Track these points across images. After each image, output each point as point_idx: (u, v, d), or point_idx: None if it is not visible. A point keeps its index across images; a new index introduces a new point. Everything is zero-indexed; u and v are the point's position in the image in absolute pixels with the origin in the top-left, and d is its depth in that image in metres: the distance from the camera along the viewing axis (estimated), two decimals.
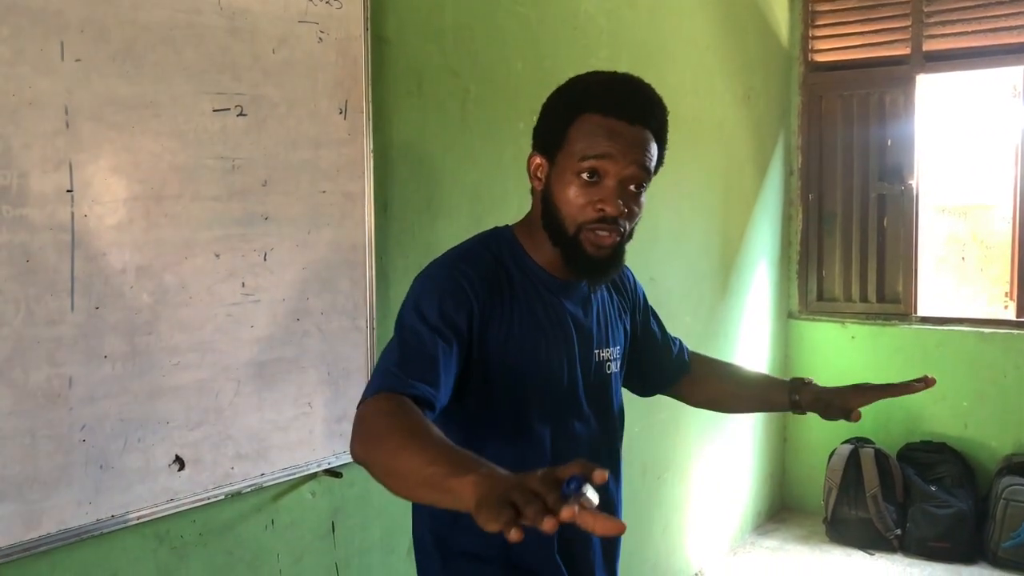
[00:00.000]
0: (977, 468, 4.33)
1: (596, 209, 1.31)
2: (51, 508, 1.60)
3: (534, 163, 1.39)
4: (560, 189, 1.33)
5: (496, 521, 0.88)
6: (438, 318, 1.29)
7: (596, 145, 1.30)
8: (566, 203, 1.33)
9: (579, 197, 1.32)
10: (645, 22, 3.44)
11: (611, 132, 1.31)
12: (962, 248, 5.32)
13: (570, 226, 1.33)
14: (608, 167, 1.30)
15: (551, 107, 1.39)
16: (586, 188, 1.31)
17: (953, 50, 4.39)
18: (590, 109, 1.32)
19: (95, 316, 1.65)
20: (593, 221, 1.31)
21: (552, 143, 1.36)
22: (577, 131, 1.32)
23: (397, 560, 2.36)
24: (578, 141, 1.32)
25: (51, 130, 1.57)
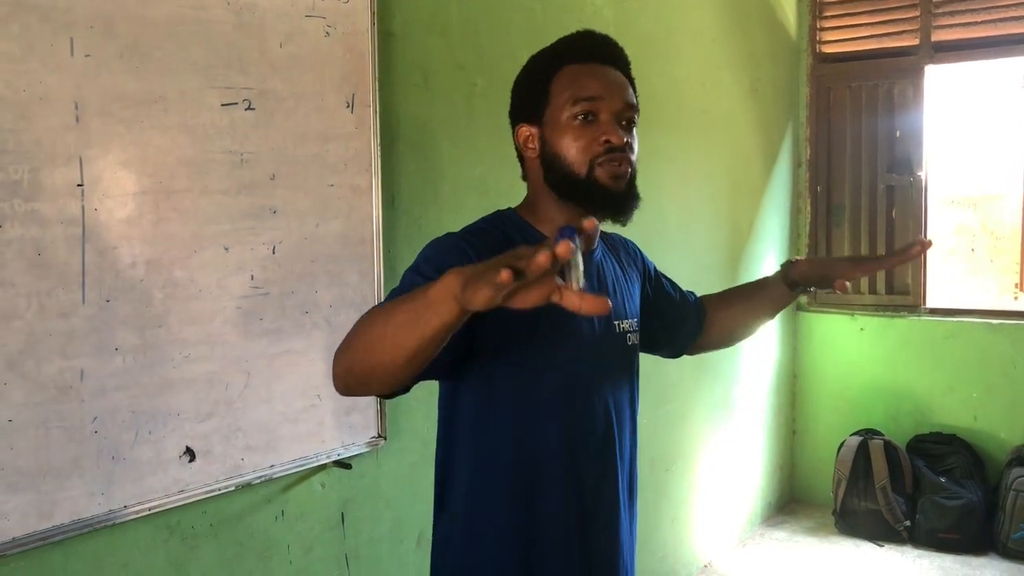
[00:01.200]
0: (987, 459, 4.32)
1: (601, 143, 1.33)
2: (64, 499, 1.62)
3: (523, 135, 1.41)
4: (559, 140, 1.35)
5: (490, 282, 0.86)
6: (430, 269, 1.26)
7: (585, 87, 1.34)
8: (569, 148, 1.34)
9: (580, 138, 1.34)
10: (651, 14, 3.44)
11: (592, 73, 1.36)
12: (971, 239, 5.31)
13: (580, 168, 1.34)
14: (600, 106, 1.34)
15: (524, 79, 1.42)
16: (584, 129, 1.34)
17: (962, 40, 4.37)
18: (566, 62, 1.37)
19: (106, 309, 1.67)
20: (602, 154, 1.33)
21: (535, 107, 1.38)
22: (559, 85, 1.36)
23: (406, 551, 2.38)
24: (563, 92, 1.35)
25: (61, 125, 1.59)
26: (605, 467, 1.41)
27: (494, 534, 1.37)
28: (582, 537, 1.39)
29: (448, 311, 0.96)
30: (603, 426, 1.41)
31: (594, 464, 1.40)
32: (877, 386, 4.63)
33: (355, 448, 2.17)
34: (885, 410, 4.60)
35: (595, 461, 1.40)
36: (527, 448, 1.36)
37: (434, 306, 0.97)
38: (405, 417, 2.36)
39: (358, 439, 2.18)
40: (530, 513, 1.36)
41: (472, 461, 1.38)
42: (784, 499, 4.80)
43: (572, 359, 1.38)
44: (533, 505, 1.36)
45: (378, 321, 1.08)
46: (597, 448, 1.40)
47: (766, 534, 4.41)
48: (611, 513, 1.43)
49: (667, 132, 3.48)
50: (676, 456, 3.72)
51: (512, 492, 1.36)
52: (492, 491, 1.37)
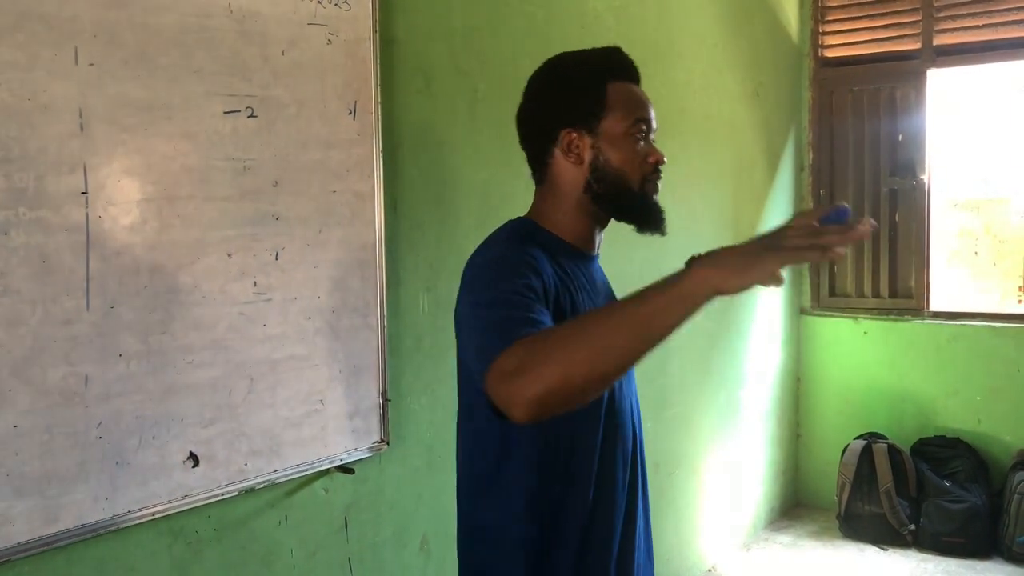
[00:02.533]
0: (991, 463, 4.31)
1: (651, 162, 1.42)
2: (69, 504, 1.63)
3: (568, 139, 1.41)
4: (617, 153, 1.40)
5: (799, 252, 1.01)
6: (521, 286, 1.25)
7: (639, 107, 1.42)
8: (627, 163, 1.41)
9: (637, 155, 1.41)
10: (653, 19, 3.45)
11: (642, 95, 1.45)
12: (975, 242, 5.30)
13: (635, 182, 1.41)
14: (647, 125, 1.43)
15: (573, 82, 1.42)
16: (638, 146, 1.41)
17: (963, 44, 4.37)
18: (614, 77, 1.43)
19: (110, 315, 1.68)
20: (651, 172, 1.42)
21: (589, 115, 1.40)
22: (614, 97, 1.41)
23: (410, 555, 2.39)
24: (620, 106, 1.41)
25: (66, 133, 1.61)
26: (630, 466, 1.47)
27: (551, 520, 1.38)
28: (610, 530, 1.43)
29: (702, 300, 1.03)
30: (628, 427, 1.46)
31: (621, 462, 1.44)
32: (881, 389, 4.62)
33: (358, 453, 2.18)
34: (889, 413, 4.60)
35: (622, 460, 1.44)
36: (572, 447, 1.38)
37: (689, 298, 1.03)
38: (408, 422, 2.37)
39: (361, 444, 2.19)
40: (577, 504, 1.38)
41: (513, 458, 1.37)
42: (788, 503, 4.79)
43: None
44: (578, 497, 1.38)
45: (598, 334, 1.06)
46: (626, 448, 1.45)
47: (770, 538, 4.41)
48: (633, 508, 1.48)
49: (670, 137, 3.48)
50: (680, 460, 3.72)
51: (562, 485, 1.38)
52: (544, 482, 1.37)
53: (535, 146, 1.45)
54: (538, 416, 1.07)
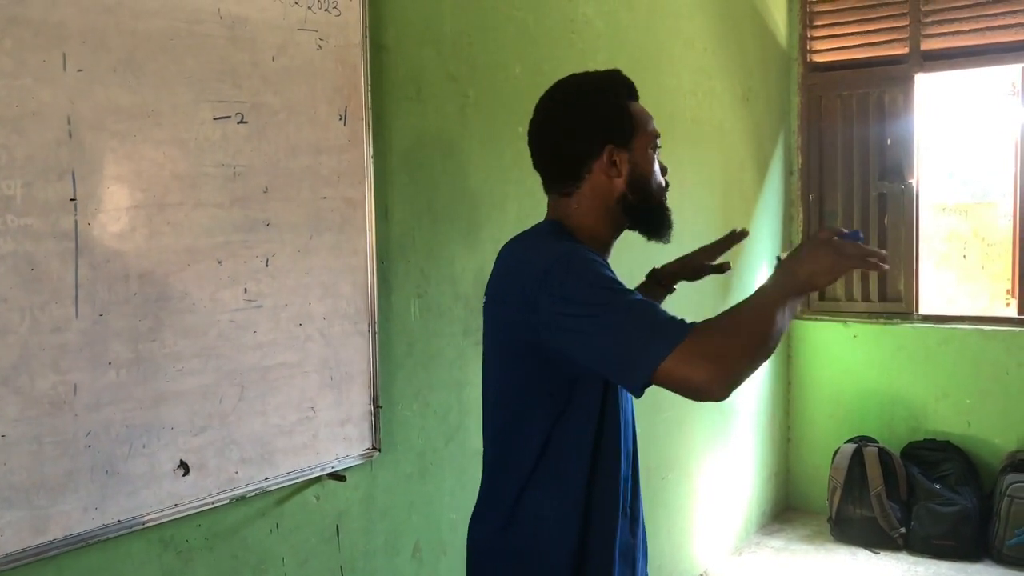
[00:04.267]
0: (981, 466, 4.33)
1: (664, 175, 1.57)
2: (57, 514, 1.62)
3: (612, 155, 1.50)
4: (647, 167, 1.53)
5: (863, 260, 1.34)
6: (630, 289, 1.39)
7: (652, 124, 1.54)
8: (655, 177, 1.54)
9: (656, 171, 1.55)
10: (643, 25, 3.45)
11: (649, 113, 1.56)
12: (963, 246, 5.33)
13: (659, 195, 1.56)
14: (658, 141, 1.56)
15: (606, 101, 1.52)
16: (656, 162, 1.55)
17: (951, 49, 4.40)
18: (628, 97, 1.54)
19: (99, 323, 1.67)
20: (666, 186, 1.58)
21: (625, 133, 1.51)
22: (636, 116, 1.53)
23: (402, 562, 2.38)
24: (642, 124, 1.53)
25: (54, 140, 1.59)
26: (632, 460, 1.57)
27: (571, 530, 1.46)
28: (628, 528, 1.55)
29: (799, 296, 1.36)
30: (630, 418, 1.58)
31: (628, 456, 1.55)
32: (871, 393, 4.64)
33: (349, 460, 2.17)
34: (879, 417, 4.61)
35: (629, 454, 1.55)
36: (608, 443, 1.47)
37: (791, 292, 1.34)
38: (399, 429, 2.36)
39: (352, 451, 2.18)
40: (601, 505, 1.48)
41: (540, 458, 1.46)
42: (780, 507, 4.80)
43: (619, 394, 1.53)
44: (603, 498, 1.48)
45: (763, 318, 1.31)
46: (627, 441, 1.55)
47: (762, 542, 4.41)
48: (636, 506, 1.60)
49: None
50: (672, 465, 3.72)
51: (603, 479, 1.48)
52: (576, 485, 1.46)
53: (570, 159, 1.52)
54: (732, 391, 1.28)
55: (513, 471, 1.48)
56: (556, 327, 1.34)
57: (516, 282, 1.42)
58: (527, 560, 1.45)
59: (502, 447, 1.51)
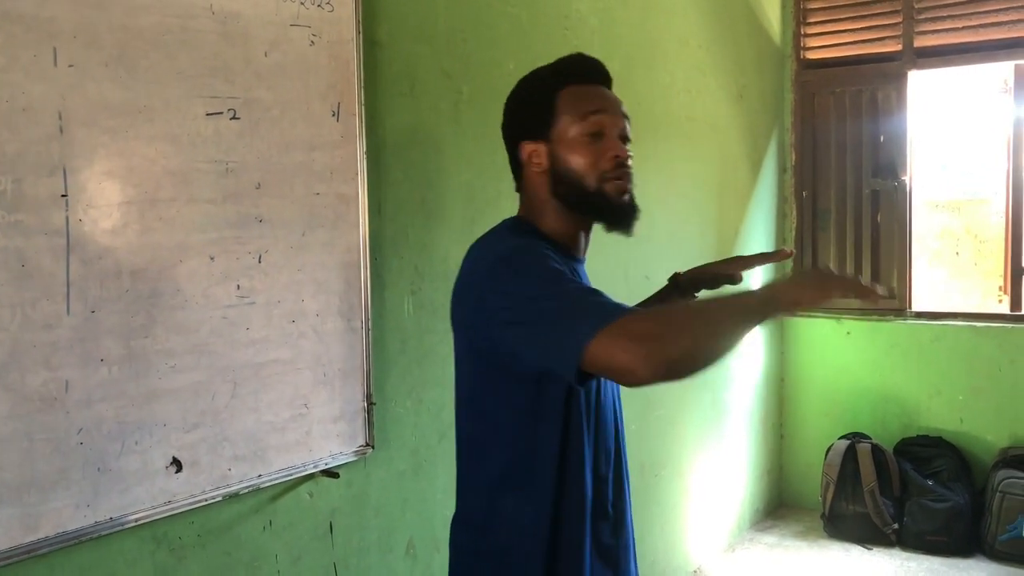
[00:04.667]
0: (973, 462, 4.34)
1: (610, 158, 1.42)
2: (49, 511, 1.61)
3: (527, 150, 1.47)
4: (569, 155, 1.43)
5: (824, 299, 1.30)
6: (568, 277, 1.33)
7: (591, 105, 1.44)
8: (580, 163, 1.43)
9: (590, 154, 1.42)
10: (637, 22, 3.45)
11: (595, 94, 1.46)
12: (956, 243, 5.34)
13: (591, 182, 1.43)
14: (605, 122, 1.43)
15: (525, 97, 1.49)
16: (593, 145, 1.43)
17: (943, 46, 4.41)
18: (568, 82, 1.45)
19: (91, 320, 1.66)
20: (612, 169, 1.42)
21: (540, 124, 1.45)
22: (564, 104, 1.44)
23: (395, 559, 2.38)
24: (570, 110, 1.43)
25: (45, 135, 1.59)
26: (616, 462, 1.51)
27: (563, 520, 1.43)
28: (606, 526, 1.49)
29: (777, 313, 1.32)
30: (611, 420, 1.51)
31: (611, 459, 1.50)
32: (864, 390, 4.65)
33: (343, 457, 2.17)
34: (872, 413, 4.62)
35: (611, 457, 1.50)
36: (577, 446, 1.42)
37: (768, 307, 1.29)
38: (393, 426, 2.36)
39: (346, 448, 2.17)
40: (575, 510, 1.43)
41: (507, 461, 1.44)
42: (773, 503, 4.81)
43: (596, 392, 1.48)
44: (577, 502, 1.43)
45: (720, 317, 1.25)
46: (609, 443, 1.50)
47: (755, 539, 4.42)
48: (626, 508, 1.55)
49: (653, 139, 3.49)
50: (665, 461, 3.72)
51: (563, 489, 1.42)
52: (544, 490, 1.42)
53: (510, 157, 1.53)
54: (664, 379, 1.19)
55: (484, 474, 1.46)
56: (500, 322, 1.32)
57: (471, 282, 1.41)
58: (502, 563, 1.43)
59: (473, 450, 1.49)
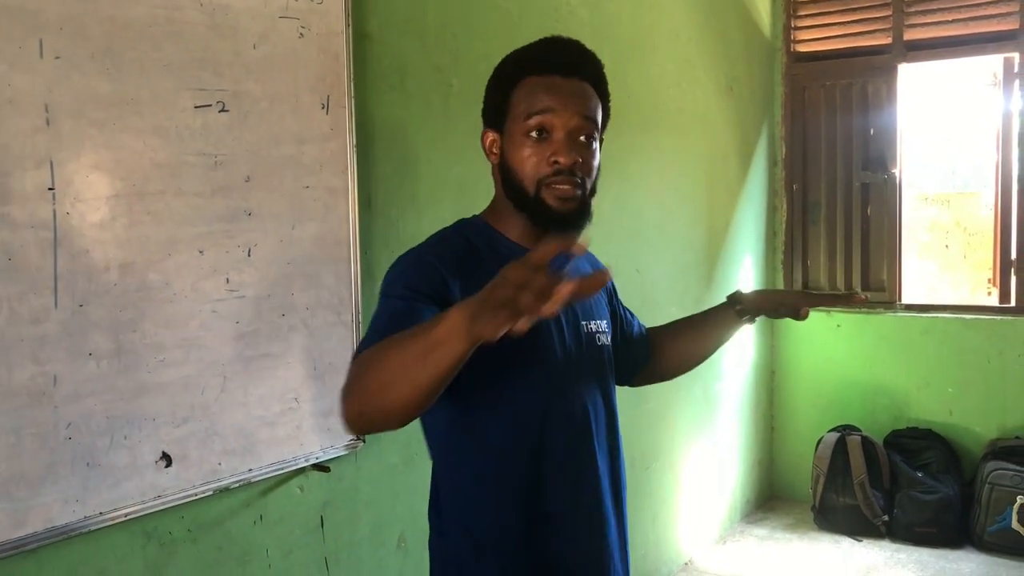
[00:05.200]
0: (962, 453, 4.36)
1: (550, 163, 1.33)
2: (38, 506, 1.60)
3: (488, 139, 1.42)
4: (513, 153, 1.36)
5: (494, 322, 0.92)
6: (405, 289, 1.29)
7: (539, 101, 1.34)
8: (521, 164, 1.35)
9: (532, 155, 1.34)
10: (627, 14, 3.45)
11: (550, 87, 1.34)
12: (945, 236, 5.36)
13: (530, 186, 1.34)
14: (554, 121, 1.33)
15: (492, 82, 1.43)
16: (537, 145, 1.34)
17: (934, 39, 4.42)
18: (527, 73, 1.36)
19: (79, 314, 1.65)
20: (550, 175, 1.33)
21: (499, 114, 1.39)
22: (517, 96, 1.36)
23: (387, 553, 2.37)
24: (521, 103, 1.35)
25: (31, 128, 1.57)
26: (582, 468, 1.42)
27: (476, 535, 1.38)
28: (562, 537, 1.39)
29: (459, 347, 0.99)
30: (578, 427, 1.42)
31: (570, 465, 1.40)
32: (854, 382, 4.66)
33: (334, 451, 2.16)
34: (862, 406, 4.64)
35: (571, 462, 1.41)
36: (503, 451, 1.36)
37: (444, 345, 1.00)
38: None
39: (336, 442, 2.17)
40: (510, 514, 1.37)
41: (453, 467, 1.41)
42: (764, 496, 4.82)
43: (542, 362, 1.38)
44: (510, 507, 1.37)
45: (384, 364, 1.09)
46: (573, 450, 1.41)
47: (746, 531, 4.43)
48: (595, 511, 1.44)
49: (643, 131, 3.49)
50: (656, 454, 3.73)
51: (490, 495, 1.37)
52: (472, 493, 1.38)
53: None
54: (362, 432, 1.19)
55: (434, 479, 1.44)
56: None
57: None
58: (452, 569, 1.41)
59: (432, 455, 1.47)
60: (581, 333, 1.46)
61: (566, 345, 1.42)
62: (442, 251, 1.36)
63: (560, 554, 1.39)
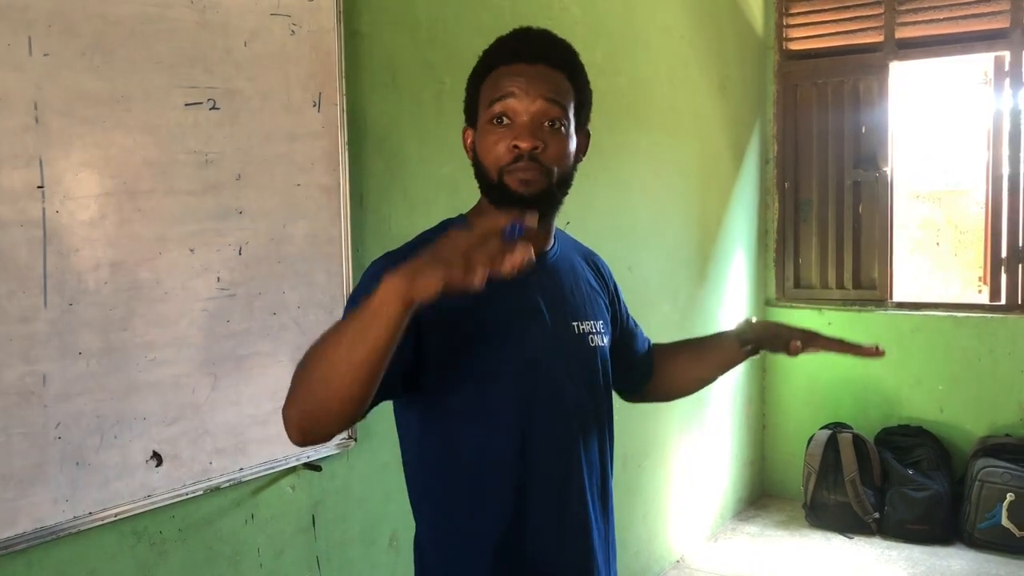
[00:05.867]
0: (953, 451, 4.38)
1: (510, 148, 1.29)
2: (27, 506, 1.59)
3: (467, 137, 1.40)
4: (480, 143, 1.34)
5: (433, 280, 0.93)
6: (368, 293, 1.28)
7: (498, 88, 1.31)
8: (485, 152, 1.32)
9: (496, 143, 1.31)
10: (620, 12, 3.44)
11: (512, 74, 1.32)
12: (936, 233, 5.38)
13: (493, 173, 1.32)
14: (515, 106, 1.30)
15: (468, 81, 1.41)
16: (500, 132, 1.31)
17: (925, 37, 4.43)
18: (495, 64, 1.35)
19: (69, 313, 1.64)
20: (511, 161, 1.30)
21: (471, 110, 1.38)
22: (485, 88, 1.34)
23: (378, 552, 2.37)
24: (484, 96, 1.34)
25: (20, 126, 1.56)
26: (568, 471, 1.38)
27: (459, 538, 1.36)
28: (545, 541, 1.37)
29: (395, 310, 0.99)
30: (563, 429, 1.38)
31: (555, 468, 1.37)
32: (845, 380, 4.68)
33: (325, 450, 2.16)
34: (853, 403, 4.65)
35: (556, 465, 1.37)
36: (480, 455, 1.33)
37: (380, 311, 1.00)
38: (376, 418, 2.33)
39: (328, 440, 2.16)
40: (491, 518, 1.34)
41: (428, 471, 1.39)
42: (755, 493, 4.83)
43: (523, 363, 1.35)
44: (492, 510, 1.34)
45: (321, 354, 1.08)
46: (558, 452, 1.37)
47: (738, 528, 4.44)
48: (579, 517, 1.40)
49: (636, 129, 3.49)
50: (648, 452, 3.73)
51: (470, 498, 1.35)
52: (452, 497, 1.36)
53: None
54: (305, 442, 1.15)
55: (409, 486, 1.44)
56: None
57: None
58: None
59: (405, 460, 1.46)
60: (572, 334, 1.42)
61: (551, 344, 1.38)
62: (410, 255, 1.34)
63: (541, 559, 1.36)
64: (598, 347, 1.46)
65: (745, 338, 1.61)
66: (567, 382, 1.39)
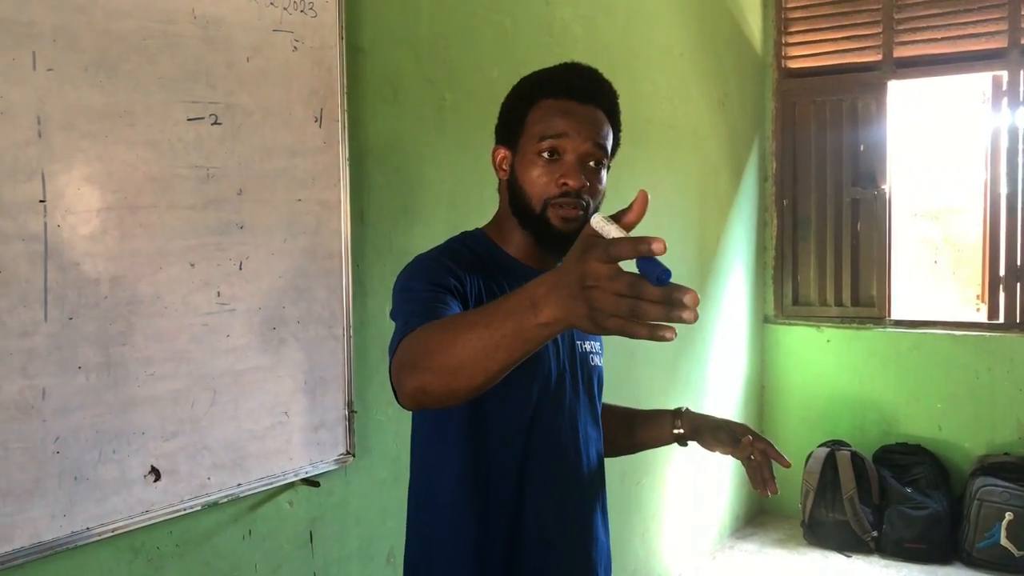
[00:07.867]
0: (951, 469, 4.38)
1: (559, 184, 1.35)
2: (24, 521, 1.58)
3: (499, 155, 1.45)
4: (524, 171, 1.38)
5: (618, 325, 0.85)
6: (428, 284, 1.30)
7: (553, 125, 1.36)
8: (531, 183, 1.37)
9: (542, 176, 1.36)
10: (620, 30, 3.46)
11: (565, 112, 1.37)
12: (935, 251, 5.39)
13: (536, 204, 1.37)
14: (566, 144, 1.36)
15: (509, 101, 1.46)
16: (548, 166, 1.36)
17: (923, 56, 4.45)
18: (544, 95, 1.39)
19: (69, 327, 1.64)
20: (557, 196, 1.35)
21: (513, 132, 1.42)
22: (534, 116, 1.39)
23: (376, 568, 2.36)
24: (536, 124, 1.38)
25: (23, 140, 1.56)
26: (568, 487, 1.42)
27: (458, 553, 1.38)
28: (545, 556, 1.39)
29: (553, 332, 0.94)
30: (568, 443, 1.42)
31: (557, 482, 1.40)
32: (843, 397, 4.67)
33: (323, 465, 2.15)
34: (851, 421, 4.65)
35: (558, 480, 1.40)
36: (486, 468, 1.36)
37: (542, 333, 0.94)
38: (374, 434, 2.34)
39: (326, 456, 2.16)
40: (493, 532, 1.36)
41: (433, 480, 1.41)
42: (753, 511, 4.82)
43: (534, 377, 1.38)
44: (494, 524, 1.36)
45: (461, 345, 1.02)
46: (560, 467, 1.41)
47: (736, 546, 4.43)
48: (582, 531, 1.43)
49: (636, 146, 3.50)
50: (646, 470, 3.72)
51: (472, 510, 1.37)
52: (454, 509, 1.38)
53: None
54: (416, 407, 1.14)
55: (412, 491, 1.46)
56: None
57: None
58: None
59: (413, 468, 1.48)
60: (576, 352, 1.47)
61: (560, 361, 1.43)
62: (453, 256, 1.39)
63: (542, 572, 1.38)
64: (596, 367, 1.52)
65: (678, 427, 1.62)
66: (573, 397, 1.44)
